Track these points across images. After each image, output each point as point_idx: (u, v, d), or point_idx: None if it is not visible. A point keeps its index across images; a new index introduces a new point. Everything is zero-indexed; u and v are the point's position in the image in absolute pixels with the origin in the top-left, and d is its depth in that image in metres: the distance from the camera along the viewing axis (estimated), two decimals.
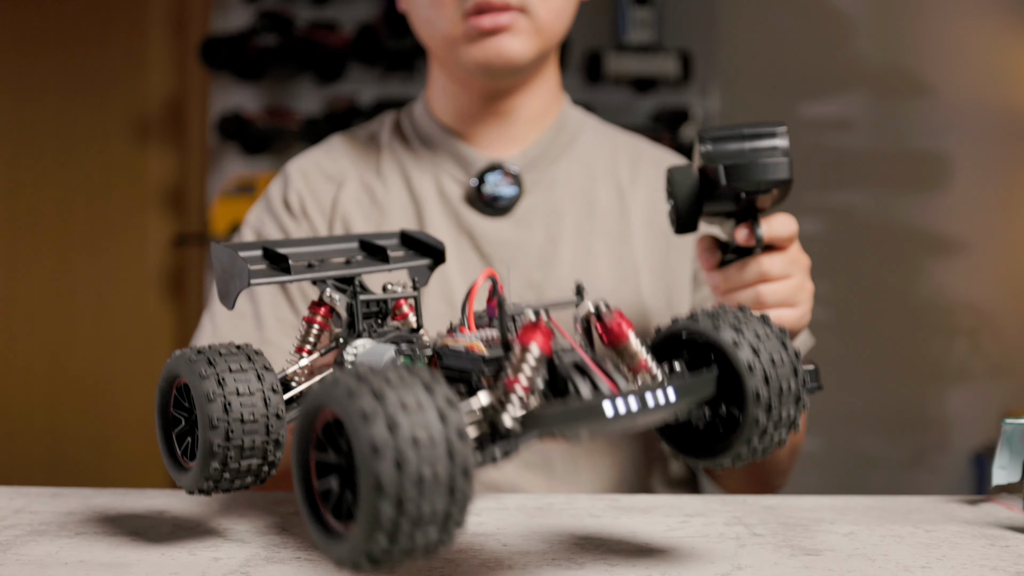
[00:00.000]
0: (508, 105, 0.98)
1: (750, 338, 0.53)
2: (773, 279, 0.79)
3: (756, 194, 0.74)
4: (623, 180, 1.01)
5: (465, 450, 0.43)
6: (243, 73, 2.57)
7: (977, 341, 2.72)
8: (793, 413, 0.54)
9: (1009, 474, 0.70)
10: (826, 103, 2.73)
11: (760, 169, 0.73)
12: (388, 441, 0.41)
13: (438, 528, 0.43)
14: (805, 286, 0.81)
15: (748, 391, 0.52)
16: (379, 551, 0.43)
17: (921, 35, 2.74)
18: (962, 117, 2.72)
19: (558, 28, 0.95)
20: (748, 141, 0.74)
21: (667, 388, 0.50)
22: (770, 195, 0.75)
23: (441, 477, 0.42)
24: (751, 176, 0.73)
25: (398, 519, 0.42)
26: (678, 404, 0.50)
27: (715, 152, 0.74)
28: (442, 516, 0.43)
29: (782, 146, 0.74)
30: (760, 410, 0.53)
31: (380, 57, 2.54)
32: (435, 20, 0.93)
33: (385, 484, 0.41)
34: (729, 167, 0.73)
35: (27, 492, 0.74)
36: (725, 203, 0.76)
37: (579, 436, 0.49)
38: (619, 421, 0.48)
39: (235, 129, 2.56)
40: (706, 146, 0.75)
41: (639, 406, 0.48)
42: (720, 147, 0.74)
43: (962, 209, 2.72)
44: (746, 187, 0.74)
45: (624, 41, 2.56)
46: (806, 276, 0.81)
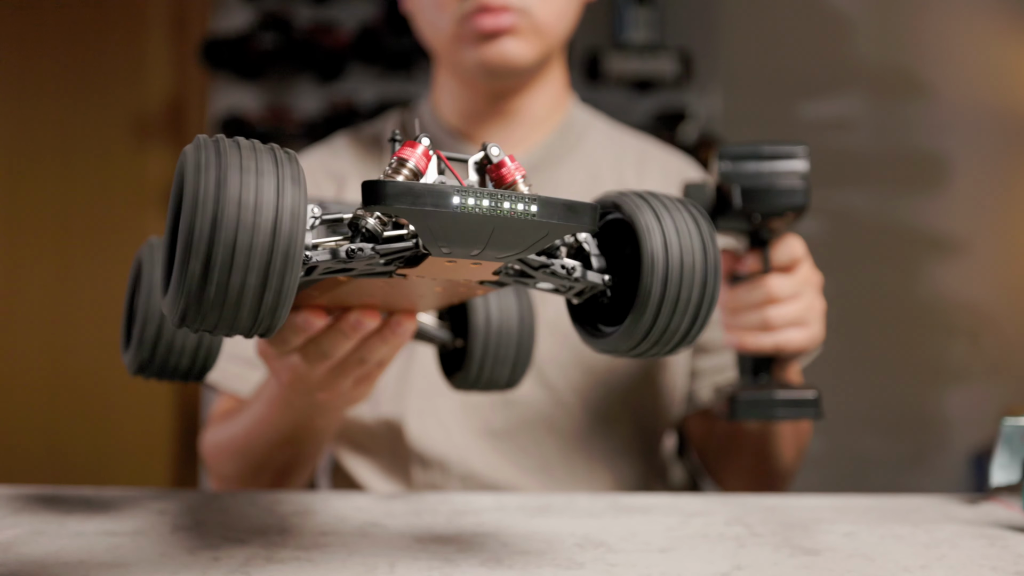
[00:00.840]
0: (512, 106, 0.98)
1: (657, 207, 0.51)
2: (781, 301, 0.78)
3: (770, 217, 0.74)
4: (628, 182, 1.01)
5: (293, 230, 0.41)
6: (243, 73, 2.57)
7: (977, 341, 2.72)
8: (697, 299, 0.51)
9: (1009, 474, 0.70)
10: (826, 103, 2.73)
11: (776, 194, 0.73)
12: (211, 195, 0.40)
13: (248, 310, 0.41)
14: (815, 305, 0.80)
15: (644, 253, 0.50)
16: (190, 312, 0.41)
17: (921, 35, 2.74)
18: (962, 117, 2.71)
19: (559, 30, 0.94)
20: (767, 162, 0.75)
21: (530, 201, 0.46)
22: (784, 219, 0.75)
23: (257, 249, 0.40)
24: (767, 201, 0.74)
25: (204, 282, 0.40)
26: (539, 218, 0.46)
27: (733, 172, 0.75)
28: (252, 295, 0.41)
29: (801, 170, 0.75)
30: (656, 280, 0.50)
31: (380, 57, 2.54)
32: (437, 22, 0.93)
33: (195, 239, 0.40)
34: (746, 189, 0.74)
35: (27, 492, 0.74)
36: (739, 222, 0.77)
37: (434, 237, 0.45)
38: (469, 217, 0.44)
39: (235, 129, 2.56)
40: (725, 164, 0.75)
41: (490, 203, 0.45)
42: (738, 167, 0.75)
43: (962, 209, 2.72)
44: (761, 210, 0.74)
45: (624, 41, 2.56)
46: (816, 295, 0.80)
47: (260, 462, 0.87)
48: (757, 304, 0.78)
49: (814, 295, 0.80)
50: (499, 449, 0.93)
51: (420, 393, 0.93)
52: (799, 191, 0.74)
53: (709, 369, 0.98)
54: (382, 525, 0.66)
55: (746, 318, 0.79)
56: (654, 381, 0.96)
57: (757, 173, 0.74)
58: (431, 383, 0.93)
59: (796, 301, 0.79)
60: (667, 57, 2.53)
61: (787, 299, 0.78)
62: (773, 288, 0.78)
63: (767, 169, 0.74)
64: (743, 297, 0.79)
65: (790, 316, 0.78)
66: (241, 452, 0.87)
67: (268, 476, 0.89)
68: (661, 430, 0.98)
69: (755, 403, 0.77)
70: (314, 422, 0.78)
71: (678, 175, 1.02)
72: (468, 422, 0.93)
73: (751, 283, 0.78)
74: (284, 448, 0.85)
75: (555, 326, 0.92)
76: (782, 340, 0.78)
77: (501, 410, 0.93)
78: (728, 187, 0.74)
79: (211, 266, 0.40)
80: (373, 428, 0.94)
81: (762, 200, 0.74)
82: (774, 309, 0.78)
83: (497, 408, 0.93)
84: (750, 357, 0.80)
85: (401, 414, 0.93)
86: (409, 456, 0.93)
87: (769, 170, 0.74)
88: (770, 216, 0.75)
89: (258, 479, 0.89)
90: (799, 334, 0.79)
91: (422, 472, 0.93)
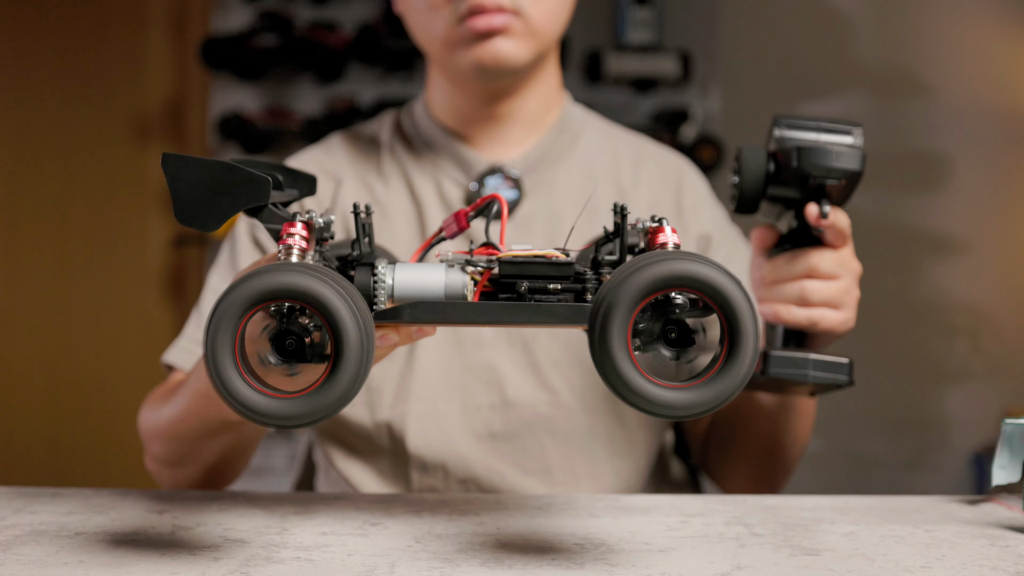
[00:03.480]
0: (507, 107, 0.98)
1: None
2: (821, 276, 0.78)
3: (825, 180, 0.74)
4: (625, 181, 1.01)
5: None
6: (243, 73, 2.57)
7: (977, 341, 2.72)
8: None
9: (1009, 474, 0.70)
10: (826, 103, 2.73)
11: (833, 156, 0.74)
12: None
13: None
14: (852, 291, 0.80)
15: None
16: None
17: (921, 35, 2.74)
18: (962, 117, 2.72)
19: (553, 29, 0.94)
20: (824, 133, 0.75)
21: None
22: (838, 184, 0.75)
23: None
24: (823, 161, 0.74)
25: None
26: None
27: (790, 137, 0.75)
28: None
29: (857, 143, 0.75)
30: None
31: (380, 57, 2.54)
32: (430, 23, 0.93)
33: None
34: (802, 149, 0.74)
35: (27, 492, 0.74)
36: (791, 188, 0.76)
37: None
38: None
39: (235, 129, 2.56)
40: (782, 130, 0.76)
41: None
42: (796, 133, 0.75)
43: (962, 209, 2.72)
44: (816, 172, 0.74)
45: (624, 41, 2.56)
46: (855, 282, 0.80)
47: (186, 451, 0.87)
48: (797, 276, 0.78)
49: (852, 282, 0.80)
50: (499, 452, 0.93)
51: (420, 397, 0.93)
52: (856, 155, 0.74)
53: None
54: (382, 525, 0.66)
55: (784, 289, 0.79)
56: None
57: (815, 140, 0.75)
58: (431, 387, 0.93)
59: (835, 281, 0.78)
60: (667, 57, 2.53)
61: (827, 275, 0.78)
62: (815, 260, 0.78)
63: (825, 137, 0.75)
64: (783, 268, 0.79)
65: (828, 294, 0.78)
66: (168, 437, 0.87)
67: (195, 467, 0.89)
68: (661, 428, 0.98)
69: (789, 360, 0.76)
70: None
71: (674, 173, 1.02)
72: (468, 425, 0.93)
73: (793, 254, 0.78)
74: (210, 441, 0.85)
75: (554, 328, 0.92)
76: (816, 316, 0.78)
77: (501, 412, 0.93)
78: (784, 150, 0.75)
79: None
80: (372, 432, 0.94)
81: (818, 161, 0.73)
82: (813, 283, 0.78)
83: (497, 410, 0.93)
84: (782, 330, 0.80)
85: (401, 418, 0.93)
86: (408, 460, 0.93)
87: (827, 138, 0.75)
88: (825, 179, 0.74)
89: (184, 467, 0.89)
90: (833, 315, 0.78)
91: (421, 476, 0.93)
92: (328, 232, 0.65)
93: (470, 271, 0.59)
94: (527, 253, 0.58)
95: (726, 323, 0.52)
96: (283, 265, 0.52)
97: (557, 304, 0.57)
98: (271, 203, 0.60)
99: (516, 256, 0.58)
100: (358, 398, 0.94)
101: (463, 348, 0.94)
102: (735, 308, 0.51)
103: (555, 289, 0.58)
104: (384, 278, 0.59)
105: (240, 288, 0.51)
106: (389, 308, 0.59)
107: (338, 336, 0.51)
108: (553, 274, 0.58)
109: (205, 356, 0.52)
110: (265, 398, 0.52)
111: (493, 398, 0.93)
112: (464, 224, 0.65)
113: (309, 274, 0.51)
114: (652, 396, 0.52)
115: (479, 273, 0.59)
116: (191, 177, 0.58)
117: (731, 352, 0.52)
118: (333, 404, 0.52)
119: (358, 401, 0.94)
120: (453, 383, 0.93)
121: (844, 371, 0.77)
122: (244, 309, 0.51)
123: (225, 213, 0.58)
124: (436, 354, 0.93)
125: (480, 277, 0.59)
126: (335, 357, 0.51)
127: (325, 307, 0.51)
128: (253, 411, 0.52)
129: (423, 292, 0.59)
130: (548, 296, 0.58)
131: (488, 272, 0.59)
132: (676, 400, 0.52)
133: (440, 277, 0.59)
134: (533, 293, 0.58)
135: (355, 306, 0.52)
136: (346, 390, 0.52)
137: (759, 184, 0.77)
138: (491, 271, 0.59)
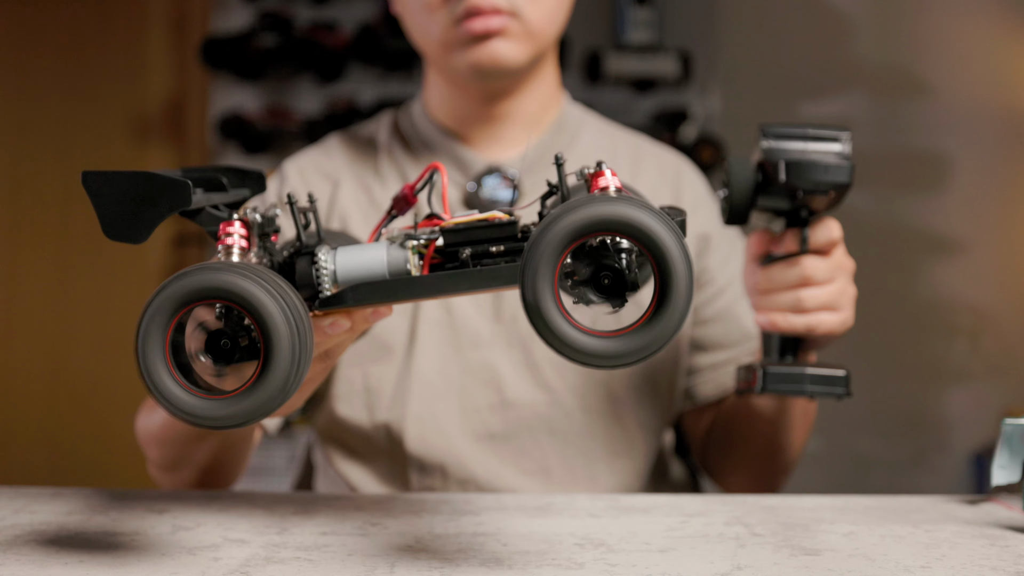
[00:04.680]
0: (505, 107, 0.98)
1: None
2: (815, 284, 0.78)
3: (813, 194, 0.74)
4: (623, 180, 1.00)
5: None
6: (243, 73, 2.57)
7: (977, 341, 2.72)
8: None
9: (1009, 474, 0.70)
10: (826, 103, 2.73)
11: (821, 169, 0.73)
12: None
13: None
14: (847, 290, 0.80)
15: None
16: None
17: (921, 35, 2.74)
18: (962, 117, 2.71)
19: (550, 30, 0.94)
20: (811, 142, 0.75)
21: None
22: (826, 197, 0.75)
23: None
24: (811, 175, 0.73)
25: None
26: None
27: (777, 148, 0.75)
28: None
29: (845, 151, 0.74)
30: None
31: (380, 57, 2.53)
32: (427, 25, 0.93)
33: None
34: (790, 163, 0.73)
35: (27, 492, 0.74)
36: (780, 200, 0.76)
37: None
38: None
39: (235, 129, 2.56)
40: (768, 141, 0.75)
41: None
42: (783, 144, 0.75)
43: (962, 209, 2.72)
44: (804, 185, 0.73)
45: (624, 41, 2.56)
46: (849, 280, 0.81)
47: (179, 454, 0.88)
48: (792, 284, 0.78)
49: (847, 281, 0.80)
50: (498, 453, 0.93)
51: (418, 398, 0.93)
52: (844, 168, 0.73)
53: (707, 366, 0.98)
54: (382, 525, 0.66)
55: (780, 298, 0.79)
56: (653, 380, 0.96)
57: (802, 150, 0.74)
58: (429, 388, 0.93)
59: (830, 284, 0.79)
60: (667, 57, 2.53)
61: (822, 282, 0.78)
62: (808, 269, 0.78)
63: (812, 147, 0.74)
64: (778, 277, 0.79)
65: (823, 299, 0.78)
66: (160, 442, 0.88)
67: (190, 471, 0.90)
68: (660, 428, 0.98)
69: (785, 376, 0.77)
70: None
71: (673, 172, 1.02)
72: (467, 426, 0.93)
73: (787, 263, 0.78)
74: (200, 444, 0.86)
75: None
76: (814, 322, 0.78)
77: (500, 413, 0.93)
78: (772, 162, 0.74)
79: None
80: (370, 433, 0.94)
81: (806, 175, 0.73)
82: (808, 291, 0.78)
83: (496, 411, 0.93)
84: (778, 338, 0.80)
85: (399, 419, 0.93)
86: (407, 461, 0.93)
87: (815, 148, 0.74)
88: (813, 192, 0.74)
89: (180, 471, 0.90)
90: (831, 318, 0.79)
91: (420, 477, 0.93)
92: (272, 227, 0.63)
93: (413, 245, 0.58)
94: (468, 219, 0.57)
95: (657, 269, 0.49)
96: (210, 265, 0.52)
97: (497, 267, 0.56)
98: (210, 206, 0.60)
99: (458, 223, 0.57)
100: (357, 399, 0.94)
101: (462, 349, 0.93)
102: (665, 253, 0.49)
103: (498, 251, 0.57)
104: (326, 264, 0.58)
105: (168, 289, 0.51)
106: (333, 294, 0.58)
107: (267, 335, 0.51)
108: (497, 236, 0.57)
109: (136, 357, 0.52)
110: (195, 398, 0.51)
111: (492, 398, 0.93)
112: (412, 200, 0.64)
113: (235, 272, 0.51)
114: (576, 343, 0.50)
115: (424, 246, 0.58)
116: (113, 191, 0.57)
117: (662, 300, 0.49)
118: (265, 404, 0.51)
119: (357, 402, 0.94)
120: (452, 384, 0.93)
121: (841, 384, 0.77)
122: (173, 310, 0.51)
123: (151, 222, 0.57)
124: (434, 355, 0.93)
125: (426, 250, 0.58)
126: (265, 356, 0.51)
127: (252, 305, 0.50)
128: (183, 411, 0.51)
129: (367, 273, 0.58)
130: (495, 260, 0.57)
131: (433, 244, 0.58)
132: (602, 348, 0.50)
133: (382, 255, 0.58)
134: (479, 259, 0.57)
135: (285, 303, 0.51)
136: (278, 390, 0.51)
137: (748, 196, 0.76)
138: (435, 242, 0.58)
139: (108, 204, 0.57)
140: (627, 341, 0.50)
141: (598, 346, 0.50)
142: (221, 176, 0.64)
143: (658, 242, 0.49)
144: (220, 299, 0.51)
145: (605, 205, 0.49)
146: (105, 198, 0.57)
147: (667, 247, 0.49)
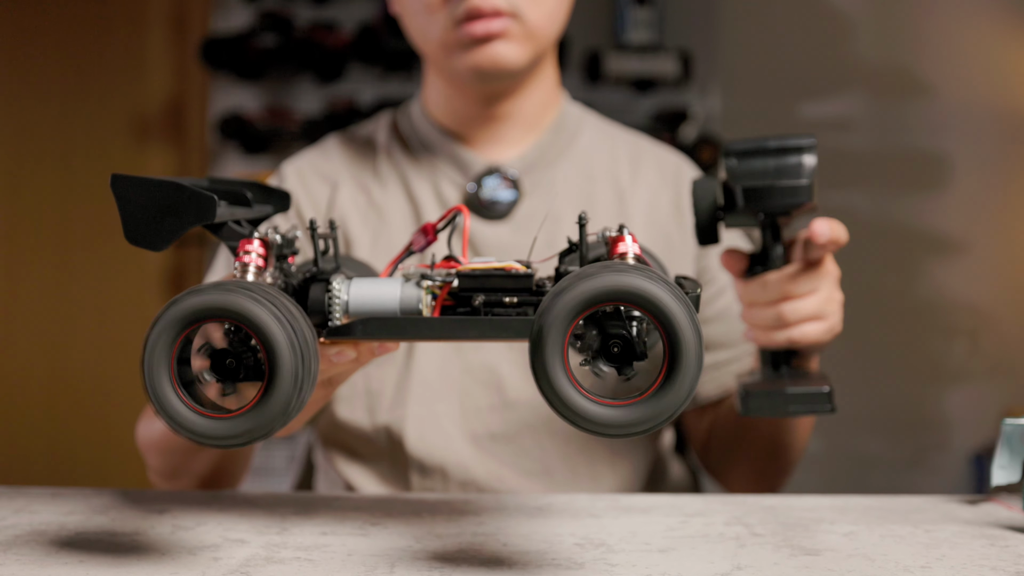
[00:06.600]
0: (504, 108, 0.98)
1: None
2: (796, 297, 0.76)
3: (775, 216, 0.74)
4: (623, 180, 1.00)
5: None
6: (243, 73, 2.57)
7: (977, 341, 2.72)
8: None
9: (1009, 474, 0.70)
10: (826, 103, 2.73)
11: (778, 193, 0.72)
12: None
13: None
14: (833, 297, 0.78)
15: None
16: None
17: (921, 35, 2.74)
18: (962, 117, 2.71)
19: (551, 31, 0.94)
20: (773, 157, 0.73)
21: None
22: (790, 216, 0.74)
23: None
24: (769, 200, 0.72)
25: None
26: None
27: (738, 169, 0.73)
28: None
29: (808, 164, 0.72)
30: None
31: (380, 57, 2.53)
32: (427, 26, 0.93)
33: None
34: (748, 189, 0.72)
35: (27, 492, 0.74)
36: (745, 218, 0.75)
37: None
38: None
39: (235, 129, 2.56)
40: (731, 161, 0.73)
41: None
42: (743, 164, 0.73)
43: (962, 209, 2.72)
44: (764, 209, 0.73)
45: (624, 41, 2.56)
46: (834, 287, 0.78)
47: (178, 463, 0.89)
48: (771, 301, 0.77)
49: (832, 287, 0.78)
50: (499, 453, 0.93)
51: (418, 399, 0.93)
52: (803, 188, 0.72)
53: (708, 365, 0.98)
54: (382, 525, 0.66)
55: (761, 314, 0.77)
56: None
57: (762, 171, 0.72)
58: (429, 389, 0.93)
59: (812, 296, 0.77)
60: (667, 57, 2.53)
61: (803, 294, 0.76)
62: (788, 287, 0.76)
63: (772, 166, 0.73)
64: (757, 293, 0.77)
65: (806, 311, 0.76)
66: (160, 450, 0.89)
67: (189, 480, 0.91)
68: (661, 427, 0.97)
69: (767, 398, 0.75)
70: None
71: (673, 172, 1.02)
72: (468, 427, 0.93)
73: (764, 280, 0.77)
74: (199, 454, 0.87)
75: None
76: (796, 335, 0.77)
77: (501, 413, 0.93)
78: (731, 187, 0.73)
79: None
80: (371, 435, 0.94)
81: (765, 200, 0.72)
82: (789, 305, 0.76)
83: (496, 411, 0.93)
84: (769, 351, 0.80)
85: (400, 421, 0.93)
86: (408, 463, 0.93)
87: (774, 167, 0.73)
88: (774, 214, 0.74)
89: (179, 480, 0.91)
90: (815, 328, 0.77)
91: (421, 479, 0.93)
92: (290, 248, 0.64)
93: (428, 285, 0.58)
94: (486, 266, 0.58)
95: (666, 339, 0.50)
96: (221, 284, 0.52)
97: (508, 318, 0.56)
98: (232, 220, 0.60)
99: (474, 269, 0.58)
100: (357, 402, 0.94)
101: (462, 349, 0.93)
102: (675, 323, 0.49)
103: (511, 302, 0.58)
104: (339, 294, 0.59)
105: (176, 307, 0.51)
106: (343, 324, 0.59)
107: (271, 356, 0.51)
108: (511, 287, 0.57)
109: (141, 371, 0.52)
110: (197, 416, 0.52)
111: (492, 399, 0.93)
112: (432, 237, 0.64)
113: (244, 294, 0.51)
114: (586, 413, 0.50)
115: (438, 287, 0.58)
116: (139, 197, 0.57)
117: (672, 369, 0.49)
118: (265, 426, 0.51)
119: (357, 405, 0.94)
120: (452, 385, 0.93)
121: (825, 400, 0.75)
122: (179, 328, 0.51)
123: (173, 232, 0.57)
124: (435, 356, 0.93)
125: (440, 291, 0.58)
126: (268, 378, 0.51)
127: (258, 327, 0.51)
128: (187, 429, 0.52)
129: (379, 307, 0.59)
130: (506, 310, 0.58)
131: (448, 286, 0.58)
132: (612, 418, 0.50)
133: (395, 292, 0.59)
134: (491, 307, 0.58)
135: (292, 327, 0.51)
136: (279, 412, 0.51)
137: (711, 218, 0.76)
138: (450, 285, 0.58)
139: (133, 209, 0.57)
140: (635, 411, 0.50)
141: (606, 415, 0.50)
142: (247, 191, 0.64)
143: (669, 315, 0.49)
144: (228, 319, 0.51)
145: (618, 276, 0.49)
146: (131, 203, 0.57)
147: (678, 321, 0.49)
